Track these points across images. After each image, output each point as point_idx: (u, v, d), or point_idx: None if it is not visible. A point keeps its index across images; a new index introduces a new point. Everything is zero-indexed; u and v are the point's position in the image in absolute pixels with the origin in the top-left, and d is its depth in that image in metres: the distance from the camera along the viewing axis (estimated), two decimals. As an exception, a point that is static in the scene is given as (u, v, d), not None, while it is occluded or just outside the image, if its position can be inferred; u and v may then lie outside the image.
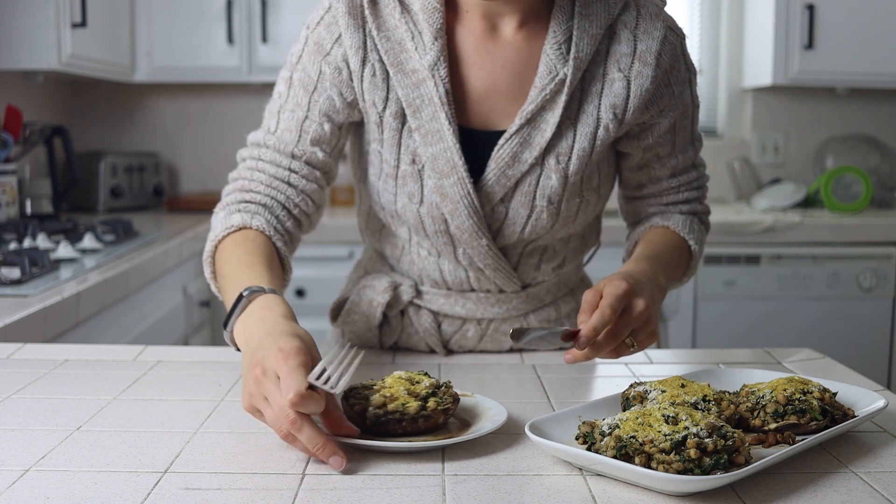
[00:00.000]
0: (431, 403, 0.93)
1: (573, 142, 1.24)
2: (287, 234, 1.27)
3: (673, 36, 1.27)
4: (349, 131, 1.33)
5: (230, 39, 3.35)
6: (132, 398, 1.09)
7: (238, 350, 1.05)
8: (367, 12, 1.24)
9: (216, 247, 1.22)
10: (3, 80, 2.96)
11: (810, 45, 3.35)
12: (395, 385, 0.95)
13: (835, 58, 3.38)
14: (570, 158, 1.24)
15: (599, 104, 1.24)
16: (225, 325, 1.05)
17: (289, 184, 1.28)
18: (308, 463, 0.88)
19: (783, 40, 3.38)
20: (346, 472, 0.86)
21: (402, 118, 1.25)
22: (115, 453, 0.90)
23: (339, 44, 1.25)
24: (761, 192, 3.56)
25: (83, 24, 2.77)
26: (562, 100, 1.22)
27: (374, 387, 0.96)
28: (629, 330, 1.06)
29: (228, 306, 1.06)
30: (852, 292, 3.16)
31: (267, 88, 3.70)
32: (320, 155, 1.29)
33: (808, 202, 3.54)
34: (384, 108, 1.25)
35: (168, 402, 1.08)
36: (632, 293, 1.06)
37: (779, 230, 3.14)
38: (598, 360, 1.32)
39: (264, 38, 3.36)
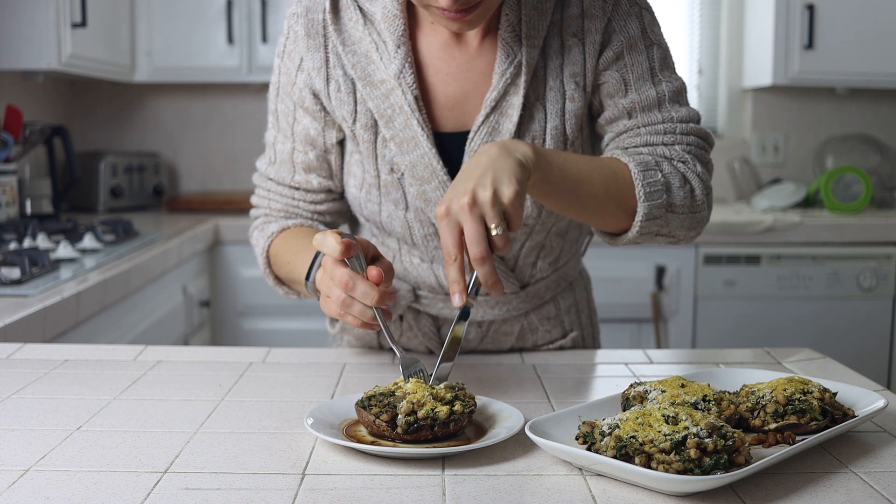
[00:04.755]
0: (458, 407, 0.93)
1: (545, 122, 1.22)
2: (324, 224, 1.36)
3: None
4: (341, 150, 1.33)
5: (230, 39, 3.35)
6: (132, 398, 1.09)
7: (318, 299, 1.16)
8: (329, 28, 1.25)
9: (267, 257, 1.33)
10: (3, 80, 2.95)
11: (810, 45, 3.35)
12: (418, 390, 0.94)
13: (835, 58, 3.38)
14: (544, 140, 1.22)
15: (563, 77, 1.22)
16: (307, 279, 1.15)
17: (301, 210, 1.35)
18: (308, 463, 0.88)
19: (783, 40, 3.38)
20: (346, 472, 0.86)
21: (375, 129, 1.25)
22: (115, 453, 0.90)
23: (301, 69, 1.27)
24: (761, 192, 3.56)
25: (83, 24, 2.77)
26: (522, 80, 1.20)
27: (396, 393, 0.95)
28: (475, 225, 0.97)
29: (304, 271, 1.16)
30: (852, 292, 3.16)
31: (267, 88, 3.70)
32: (315, 182, 1.33)
33: (808, 202, 3.54)
34: (354, 120, 1.25)
35: (168, 402, 1.08)
36: (445, 200, 0.99)
37: (779, 230, 3.13)
38: (598, 359, 1.32)
39: (264, 38, 3.36)
